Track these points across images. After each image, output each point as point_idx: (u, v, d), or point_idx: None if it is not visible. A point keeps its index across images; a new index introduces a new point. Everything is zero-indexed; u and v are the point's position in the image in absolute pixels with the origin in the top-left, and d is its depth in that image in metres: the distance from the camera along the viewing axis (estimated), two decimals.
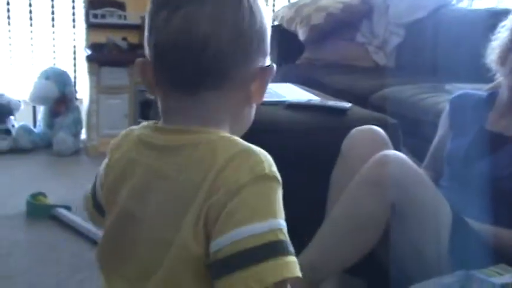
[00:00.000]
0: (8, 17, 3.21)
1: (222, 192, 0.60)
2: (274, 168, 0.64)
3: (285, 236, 0.61)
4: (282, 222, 0.62)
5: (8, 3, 3.19)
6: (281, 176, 0.68)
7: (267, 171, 0.62)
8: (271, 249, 0.59)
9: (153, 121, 0.72)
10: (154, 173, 0.67)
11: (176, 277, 0.63)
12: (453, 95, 1.62)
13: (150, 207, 0.66)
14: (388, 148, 1.41)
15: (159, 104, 0.71)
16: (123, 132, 0.76)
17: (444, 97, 2.13)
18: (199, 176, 0.62)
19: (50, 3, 3.26)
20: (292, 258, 0.61)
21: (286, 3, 3.57)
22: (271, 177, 0.62)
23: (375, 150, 1.35)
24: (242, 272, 0.58)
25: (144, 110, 2.94)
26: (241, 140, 0.66)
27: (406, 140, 1.73)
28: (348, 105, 1.75)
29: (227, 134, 0.67)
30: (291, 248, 0.62)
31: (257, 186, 0.61)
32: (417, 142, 1.92)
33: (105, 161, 0.76)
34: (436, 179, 1.47)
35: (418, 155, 1.64)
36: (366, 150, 1.38)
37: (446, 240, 1.28)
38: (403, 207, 1.26)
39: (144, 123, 0.73)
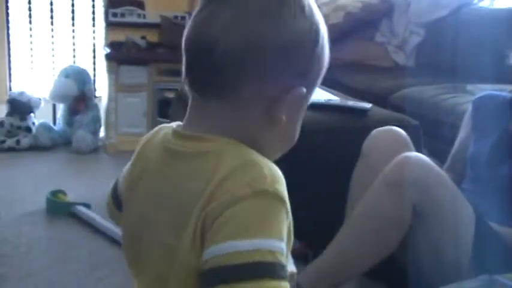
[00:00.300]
0: (30, 16, 3.24)
1: (218, 202, 0.57)
2: (279, 186, 0.59)
3: (274, 258, 0.55)
4: (274, 244, 0.56)
5: (29, 2, 3.22)
6: (301, 176, 0.64)
7: (267, 187, 0.57)
8: (253, 270, 0.55)
9: (179, 123, 0.69)
10: (164, 178, 0.65)
11: (183, 285, 0.61)
12: (476, 96, 1.60)
13: (160, 212, 0.65)
14: (409, 149, 1.39)
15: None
16: (156, 128, 0.74)
17: (466, 98, 2.10)
18: (202, 186, 0.59)
19: (70, 2, 3.29)
20: (278, 284, 0.55)
21: None
22: (271, 194, 0.57)
23: (396, 152, 1.34)
24: (224, 287, 0.55)
25: (163, 108, 2.94)
26: (251, 151, 0.62)
27: (427, 141, 1.71)
28: (368, 105, 1.73)
29: (238, 144, 0.62)
30: (281, 272, 0.56)
31: (254, 202, 0.57)
32: (438, 143, 1.90)
33: (133, 155, 0.74)
34: (458, 182, 1.45)
35: (439, 156, 1.62)
36: (387, 151, 1.37)
37: (469, 243, 1.26)
38: (424, 209, 1.25)
39: (174, 123, 0.70)
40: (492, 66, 2.16)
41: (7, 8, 3.24)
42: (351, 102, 1.78)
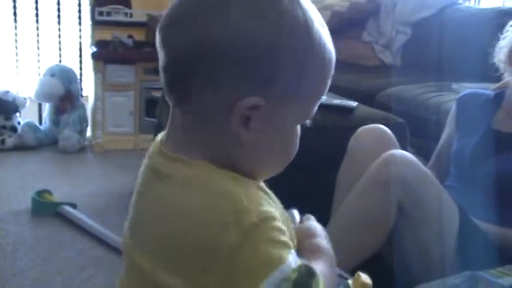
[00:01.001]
0: (14, 14, 3.21)
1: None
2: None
3: (300, 273, 0.53)
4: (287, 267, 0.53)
5: (14, 1, 3.19)
6: (286, 176, 0.63)
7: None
8: None
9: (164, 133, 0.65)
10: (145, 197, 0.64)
11: None
12: (460, 95, 1.62)
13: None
14: (395, 147, 1.40)
15: None
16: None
17: (451, 96, 2.12)
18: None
19: (56, 0, 3.27)
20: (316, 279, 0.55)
21: None
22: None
23: (381, 150, 1.35)
24: None
25: (150, 107, 2.93)
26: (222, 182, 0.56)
27: (412, 139, 1.72)
28: (354, 103, 1.74)
29: (211, 172, 0.57)
30: (307, 276, 0.54)
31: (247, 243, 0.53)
32: (423, 141, 1.91)
33: None
34: (442, 179, 1.47)
35: (424, 154, 1.63)
36: (373, 149, 1.38)
37: (453, 240, 1.27)
38: (409, 207, 1.26)
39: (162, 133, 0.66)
40: (476, 65, 2.18)
41: None
42: (337, 101, 1.79)
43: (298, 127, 0.64)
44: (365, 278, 0.74)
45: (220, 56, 0.55)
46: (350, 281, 0.75)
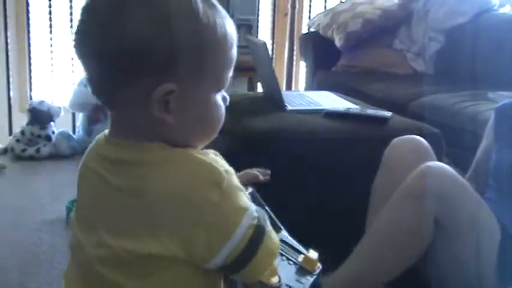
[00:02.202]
0: (50, 26, 3.28)
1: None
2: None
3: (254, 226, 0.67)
4: (248, 219, 0.67)
5: (50, 12, 3.26)
6: (320, 185, 0.68)
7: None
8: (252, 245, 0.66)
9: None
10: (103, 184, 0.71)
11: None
12: (499, 104, 1.57)
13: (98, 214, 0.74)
14: (431, 159, 1.37)
15: None
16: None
17: (488, 106, 2.06)
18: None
19: None
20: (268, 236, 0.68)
21: (323, 10, 3.55)
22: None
23: (417, 161, 1.32)
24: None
25: None
26: (167, 157, 0.68)
27: (448, 150, 1.68)
28: (388, 114, 1.71)
29: (168, 151, 0.68)
30: (262, 226, 0.68)
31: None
32: (459, 152, 1.87)
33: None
34: (481, 191, 1.43)
35: (460, 165, 1.59)
36: (409, 160, 1.35)
37: (493, 256, 1.23)
38: (447, 221, 1.23)
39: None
40: None
41: (28, 17, 3.29)
42: (371, 111, 1.76)
43: (218, 97, 0.71)
44: (312, 254, 0.88)
45: (125, 58, 0.63)
46: (300, 259, 0.87)
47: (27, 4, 3.28)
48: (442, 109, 2.23)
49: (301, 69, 3.74)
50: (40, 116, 2.97)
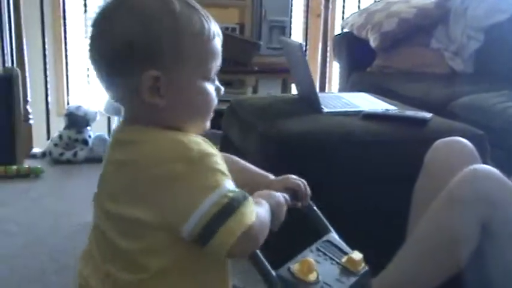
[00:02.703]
0: (86, 31, 3.34)
1: None
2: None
3: (228, 198, 0.74)
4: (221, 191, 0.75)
5: (85, 18, 3.32)
6: (359, 189, 0.66)
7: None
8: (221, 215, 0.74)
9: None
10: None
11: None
12: None
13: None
14: (476, 162, 1.32)
15: None
16: None
17: None
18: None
19: None
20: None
21: (356, 10, 3.50)
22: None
23: (462, 164, 1.28)
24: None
25: (215, 119, 2.94)
26: (146, 137, 0.80)
27: (492, 152, 1.62)
28: (428, 115, 1.67)
29: (158, 132, 0.80)
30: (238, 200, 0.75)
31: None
32: (502, 154, 1.81)
33: None
34: None
35: (506, 168, 1.53)
36: (452, 163, 1.31)
37: None
38: (496, 227, 1.18)
39: None
40: None
41: (65, 23, 3.36)
42: (410, 112, 1.72)
43: (206, 84, 0.82)
44: (356, 255, 0.91)
45: (115, 54, 0.77)
46: (343, 259, 0.91)
47: (64, 10, 3.34)
48: (484, 109, 2.16)
49: (335, 70, 3.69)
50: (77, 121, 3.02)
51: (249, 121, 2.07)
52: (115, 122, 3.20)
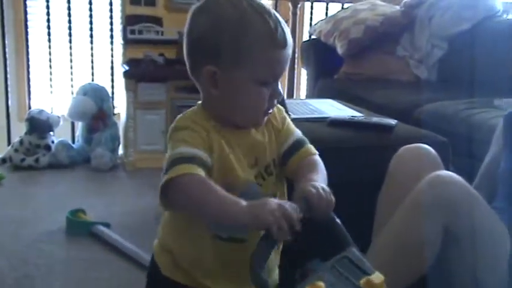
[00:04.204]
0: (48, 34, 3.27)
1: None
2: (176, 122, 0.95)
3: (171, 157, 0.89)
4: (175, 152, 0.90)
5: (48, 20, 3.25)
6: None
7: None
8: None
9: None
10: None
11: None
12: (508, 111, 1.54)
13: None
14: (439, 168, 1.34)
15: None
16: None
17: (494, 113, 2.04)
18: None
19: (88, 20, 3.31)
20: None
21: (324, 17, 3.53)
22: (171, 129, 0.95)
23: (425, 170, 1.29)
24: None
25: None
26: (187, 111, 0.97)
27: (454, 158, 1.65)
28: (393, 122, 1.69)
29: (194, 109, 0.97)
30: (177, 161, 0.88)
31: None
32: (466, 160, 1.84)
33: None
34: (489, 200, 1.40)
35: (466, 174, 1.56)
36: (416, 170, 1.32)
37: (504, 264, 1.20)
38: (459, 232, 1.19)
39: None
40: None
41: (26, 26, 3.28)
42: (376, 119, 1.73)
43: (260, 88, 0.91)
44: (376, 277, 0.83)
45: (190, 47, 0.93)
46: (362, 280, 0.81)
47: (26, 13, 3.27)
48: (447, 117, 2.20)
49: (303, 76, 3.71)
50: (39, 126, 2.95)
51: None
52: (79, 127, 3.14)
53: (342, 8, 3.51)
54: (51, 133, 3.01)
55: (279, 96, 0.94)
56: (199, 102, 0.98)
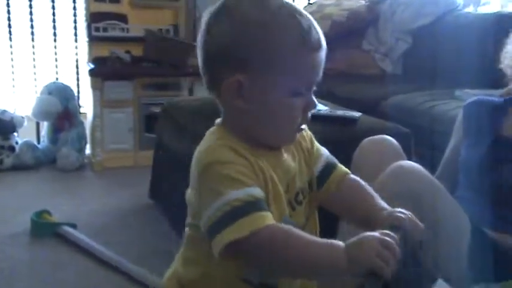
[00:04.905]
0: (10, 33, 3.19)
1: None
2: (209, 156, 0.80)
3: (231, 207, 0.74)
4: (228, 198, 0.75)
5: (8, 19, 3.17)
6: None
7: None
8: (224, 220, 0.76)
9: None
10: None
11: None
12: (466, 102, 1.58)
13: None
14: (401, 158, 1.36)
15: None
16: None
17: (455, 104, 2.08)
18: None
19: (52, 18, 3.25)
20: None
21: None
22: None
23: (388, 161, 1.31)
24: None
25: (150, 123, 2.90)
26: (206, 135, 0.83)
27: (417, 149, 1.68)
28: (357, 114, 1.71)
29: (213, 130, 0.84)
30: (244, 210, 0.74)
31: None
32: (428, 151, 1.88)
33: None
34: (451, 189, 1.43)
35: (429, 164, 1.59)
36: (379, 161, 1.34)
37: (466, 252, 1.23)
38: (420, 220, 1.21)
39: None
40: (479, 71, 2.15)
41: None
42: (340, 112, 1.75)
43: (292, 99, 0.80)
44: None
45: (213, 56, 0.81)
46: None
47: None
48: (411, 108, 2.24)
49: None
50: (3, 126, 2.87)
51: (183, 123, 2.05)
52: (44, 127, 3.08)
53: (308, 3, 3.53)
54: (15, 134, 2.95)
55: (314, 108, 0.83)
56: (218, 121, 0.85)
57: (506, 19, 2.52)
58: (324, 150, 0.95)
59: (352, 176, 0.95)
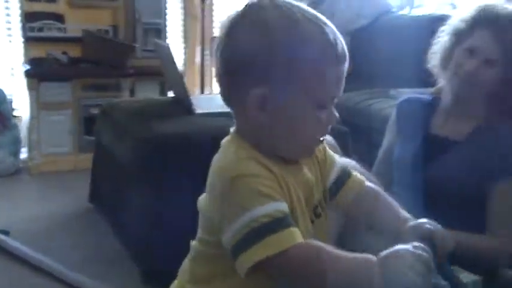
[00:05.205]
0: None
1: None
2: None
3: (258, 223, 0.71)
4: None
5: None
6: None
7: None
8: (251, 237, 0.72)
9: None
10: None
11: None
12: (399, 100, 1.63)
13: None
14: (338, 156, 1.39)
15: None
16: None
17: (390, 103, 2.15)
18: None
19: None
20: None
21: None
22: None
23: None
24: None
25: (89, 125, 2.83)
26: (224, 146, 0.79)
27: (355, 147, 1.72)
28: None
29: (230, 140, 0.80)
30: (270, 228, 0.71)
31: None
32: (365, 148, 1.93)
33: None
34: (387, 186, 1.47)
35: (368, 161, 1.63)
36: None
37: None
38: (359, 217, 1.24)
39: None
40: (413, 71, 2.23)
41: None
42: None
43: (315, 112, 0.78)
44: None
45: (233, 67, 0.77)
46: None
47: None
48: (347, 107, 2.29)
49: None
50: None
51: (122, 124, 2.01)
52: None
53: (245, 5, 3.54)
54: None
55: (335, 121, 0.82)
56: (232, 129, 0.81)
57: (438, 21, 2.62)
58: (336, 157, 0.93)
59: (370, 184, 0.94)
